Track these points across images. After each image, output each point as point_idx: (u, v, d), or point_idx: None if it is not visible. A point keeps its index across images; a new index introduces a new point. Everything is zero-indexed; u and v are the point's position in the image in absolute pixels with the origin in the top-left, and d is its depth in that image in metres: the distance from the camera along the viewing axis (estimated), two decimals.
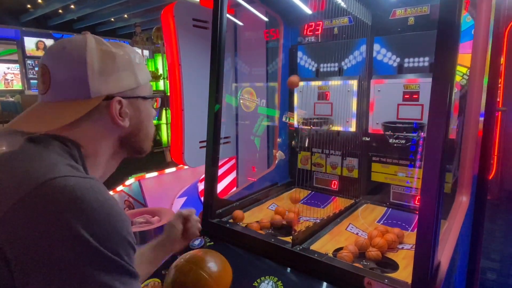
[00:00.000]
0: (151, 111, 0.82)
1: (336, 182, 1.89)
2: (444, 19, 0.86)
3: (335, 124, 1.80)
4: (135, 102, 0.76)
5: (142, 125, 0.79)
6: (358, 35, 1.69)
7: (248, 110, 2.40)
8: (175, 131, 2.23)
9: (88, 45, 0.69)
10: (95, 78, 0.68)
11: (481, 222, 1.36)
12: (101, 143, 0.74)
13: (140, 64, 0.77)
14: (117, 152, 0.78)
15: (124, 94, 0.73)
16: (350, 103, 1.74)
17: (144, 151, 0.84)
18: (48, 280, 0.52)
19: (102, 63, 0.70)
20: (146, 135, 0.82)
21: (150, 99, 0.81)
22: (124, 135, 0.77)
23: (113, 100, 0.71)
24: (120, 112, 0.73)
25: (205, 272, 1.05)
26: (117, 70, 0.72)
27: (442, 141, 0.86)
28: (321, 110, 1.84)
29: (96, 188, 0.59)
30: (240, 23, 2.36)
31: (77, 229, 0.53)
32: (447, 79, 0.86)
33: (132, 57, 0.75)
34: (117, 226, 0.58)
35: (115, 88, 0.71)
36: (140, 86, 0.77)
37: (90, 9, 9.82)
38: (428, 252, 0.89)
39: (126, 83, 0.73)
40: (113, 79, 0.71)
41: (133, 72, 0.75)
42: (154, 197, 2.79)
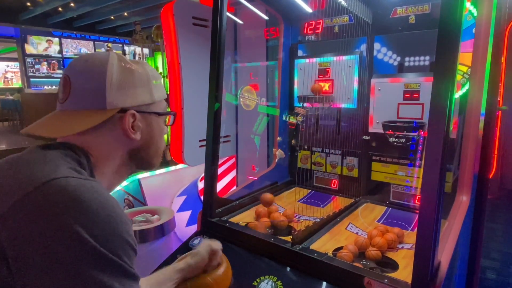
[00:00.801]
0: (162, 128, 0.85)
1: (336, 181, 1.89)
2: (445, 17, 0.86)
3: (336, 101, 1.78)
4: (148, 118, 0.79)
5: (153, 140, 0.82)
6: (359, 33, 1.69)
7: (248, 109, 2.39)
8: (175, 129, 2.22)
9: (110, 60, 0.73)
10: (112, 90, 0.72)
11: (481, 222, 1.36)
12: (111, 154, 0.76)
13: (157, 82, 0.81)
14: (125, 165, 0.80)
15: (139, 109, 0.76)
16: (351, 79, 1.71)
17: (153, 165, 0.86)
18: (48, 279, 0.52)
19: (121, 78, 0.73)
20: (155, 151, 0.84)
21: (163, 116, 0.84)
22: (135, 148, 0.79)
23: (127, 113, 0.74)
24: (133, 125, 0.76)
25: (204, 271, 1.05)
26: (134, 85, 0.75)
27: (442, 140, 0.86)
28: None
29: (97, 189, 0.60)
30: (240, 21, 2.35)
31: (77, 229, 0.53)
32: (448, 78, 0.85)
33: (150, 75, 0.79)
34: (118, 227, 0.58)
35: (130, 102, 0.75)
36: (155, 103, 0.80)
37: (90, 7, 9.81)
38: (428, 252, 0.88)
39: (141, 98, 0.77)
40: (129, 94, 0.74)
41: (149, 89, 0.78)
42: (154, 195, 2.79)
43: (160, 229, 2.06)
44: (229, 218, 1.51)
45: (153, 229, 2.04)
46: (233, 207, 1.59)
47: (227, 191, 2.08)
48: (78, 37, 12.68)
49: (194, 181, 2.98)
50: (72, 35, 12.53)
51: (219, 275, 1.05)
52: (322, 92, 1.81)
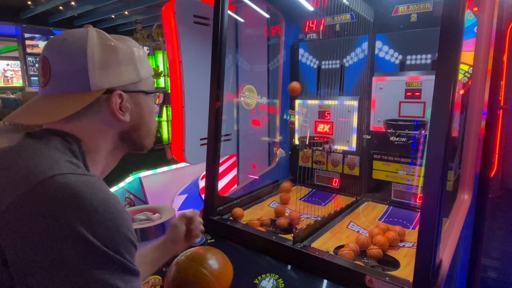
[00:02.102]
0: (153, 107, 0.81)
1: (337, 180, 1.89)
2: (448, 16, 0.85)
3: (336, 143, 1.80)
4: (136, 97, 0.75)
5: (143, 120, 0.78)
6: (360, 32, 1.68)
7: (248, 108, 2.39)
8: (176, 128, 2.22)
9: (89, 38, 0.68)
10: (95, 71, 0.67)
11: (483, 220, 1.36)
12: (101, 138, 0.72)
13: (142, 58, 0.76)
14: (117, 148, 0.77)
15: (125, 88, 0.72)
16: (351, 122, 1.74)
17: (146, 147, 0.82)
18: (48, 279, 0.51)
19: (103, 56, 0.68)
20: (147, 131, 0.80)
21: (152, 95, 0.80)
22: (125, 130, 0.75)
23: (113, 93, 0.70)
24: (120, 106, 0.72)
25: (206, 269, 1.05)
26: (119, 63, 0.71)
27: (444, 139, 0.86)
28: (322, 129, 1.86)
29: (97, 186, 0.59)
30: (241, 19, 2.35)
31: (77, 227, 0.52)
32: (450, 76, 0.85)
33: (134, 51, 0.74)
34: (118, 224, 0.57)
35: (116, 81, 0.70)
36: (141, 80, 0.76)
37: (91, 6, 9.80)
38: (429, 250, 0.88)
39: (127, 77, 0.72)
40: (114, 73, 0.70)
41: (134, 66, 0.74)
42: (155, 194, 2.79)
43: (161, 228, 2.06)
44: (231, 216, 1.51)
45: (154, 228, 2.04)
46: (234, 206, 1.59)
47: (228, 190, 2.08)
48: None
49: (195, 179, 2.98)
50: None
51: (220, 271, 1.05)
52: (323, 133, 1.83)
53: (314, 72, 1.91)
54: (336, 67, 1.82)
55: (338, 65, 1.82)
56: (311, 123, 1.89)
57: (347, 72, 1.79)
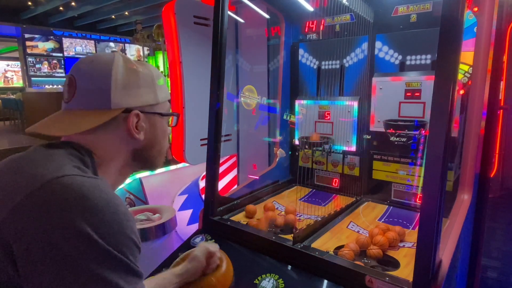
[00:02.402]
0: (166, 128, 0.86)
1: (337, 180, 1.89)
2: (447, 16, 0.86)
3: (336, 143, 1.81)
4: (152, 118, 0.80)
5: (156, 140, 0.83)
6: (360, 32, 1.68)
7: (249, 108, 2.39)
8: (176, 128, 2.23)
9: (115, 61, 0.74)
10: (117, 91, 0.73)
11: (483, 220, 1.36)
12: (114, 154, 0.76)
13: (162, 83, 0.82)
14: (129, 165, 0.81)
15: (143, 109, 0.77)
16: (351, 122, 1.74)
17: (156, 165, 0.87)
18: (54, 277, 0.53)
19: (126, 78, 0.74)
20: (159, 151, 0.85)
21: (166, 117, 0.85)
22: (138, 148, 0.80)
23: (131, 113, 0.75)
24: (136, 125, 0.76)
25: (204, 274, 1.05)
26: (139, 86, 0.76)
27: (444, 139, 0.86)
28: (322, 129, 1.86)
29: (103, 187, 0.61)
30: (241, 20, 2.35)
31: (83, 226, 0.54)
32: (449, 76, 0.85)
33: (154, 76, 0.80)
34: (123, 225, 0.59)
35: (135, 102, 0.76)
36: (158, 104, 0.81)
37: (91, 6, 9.81)
38: (429, 251, 0.88)
39: (145, 99, 0.78)
40: (133, 94, 0.75)
41: (153, 90, 0.79)
42: (155, 194, 2.79)
43: (162, 228, 2.06)
44: (231, 217, 1.51)
45: (154, 228, 2.04)
46: (234, 206, 1.60)
47: (228, 190, 2.08)
48: (79, 36, 12.68)
49: (195, 180, 2.98)
50: (73, 34, 12.54)
51: (221, 273, 1.05)
52: (323, 133, 1.85)
53: (314, 72, 1.91)
54: (336, 67, 1.83)
55: (338, 65, 1.82)
56: (310, 123, 1.88)
57: (347, 72, 1.79)
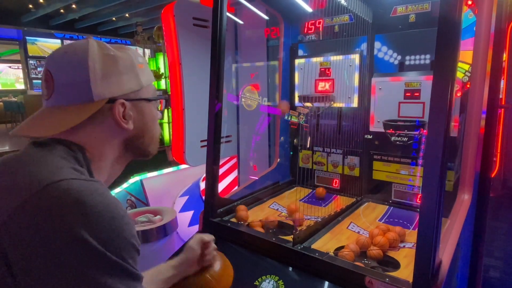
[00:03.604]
0: (155, 113, 0.82)
1: (337, 181, 1.89)
2: (444, 16, 0.85)
3: (337, 100, 1.78)
4: (138, 105, 0.76)
5: (147, 127, 0.79)
6: (359, 33, 1.68)
7: (249, 109, 2.39)
8: (176, 130, 2.23)
9: (90, 49, 0.69)
10: (97, 81, 0.69)
11: (484, 220, 1.36)
12: (106, 146, 0.74)
13: (143, 66, 0.78)
14: (122, 156, 0.78)
15: (127, 97, 0.74)
16: (352, 78, 1.71)
17: (150, 153, 0.84)
18: (52, 283, 0.52)
19: (104, 67, 0.70)
20: (151, 138, 0.82)
21: (154, 101, 0.81)
22: (129, 138, 0.77)
23: (116, 103, 0.71)
24: (123, 114, 0.73)
25: (206, 271, 1.05)
26: (119, 73, 0.72)
27: (443, 139, 0.86)
28: (323, 86, 1.82)
29: (100, 191, 0.59)
30: (240, 21, 2.35)
31: (80, 232, 0.53)
32: (448, 76, 0.85)
33: (134, 59, 0.75)
34: (121, 229, 0.58)
35: (117, 91, 0.72)
36: (142, 88, 0.77)
37: (92, 9, 9.84)
38: (429, 251, 0.88)
39: (128, 86, 0.74)
40: (115, 82, 0.71)
41: (135, 75, 0.75)
42: (156, 196, 2.80)
43: (163, 230, 2.07)
44: (231, 218, 1.51)
45: (155, 229, 2.05)
46: (234, 207, 1.60)
47: (229, 191, 2.08)
48: (80, 38, 12.74)
49: (196, 181, 2.98)
50: (74, 37, 12.58)
51: (220, 273, 1.05)
52: (323, 92, 1.81)
53: None
54: None
55: None
56: (311, 82, 1.85)
57: None
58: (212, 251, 1.08)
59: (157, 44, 7.58)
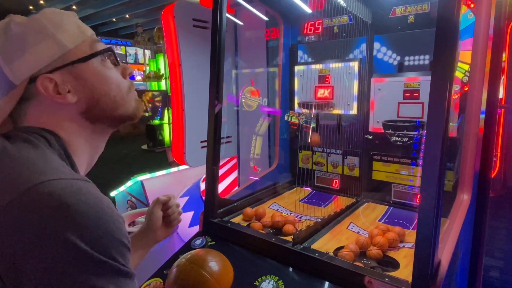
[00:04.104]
0: (101, 71, 0.70)
1: (337, 181, 1.89)
2: (443, 16, 0.86)
3: (336, 107, 1.78)
4: (73, 70, 0.66)
5: (97, 92, 0.69)
6: (358, 33, 1.69)
7: (250, 109, 2.40)
8: (176, 130, 2.24)
9: None
10: (6, 65, 0.62)
11: (483, 220, 1.36)
12: (66, 126, 0.67)
13: (62, 26, 0.67)
14: (94, 130, 0.71)
15: (52, 67, 0.65)
16: (351, 85, 1.72)
17: (127, 117, 0.74)
18: (38, 286, 0.50)
19: (8, 46, 0.63)
20: (112, 101, 0.70)
21: (96, 58, 0.69)
22: (83, 110, 0.68)
23: (37, 80, 0.64)
24: (57, 89, 0.65)
25: (206, 271, 1.06)
26: (30, 45, 0.63)
27: (441, 139, 0.86)
28: (322, 93, 1.83)
29: (84, 191, 0.56)
30: (240, 22, 2.36)
31: (66, 235, 0.51)
32: (446, 76, 0.86)
33: (47, 23, 0.65)
34: (109, 228, 0.55)
35: (36, 65, 0.63)
36: (70, 51, 0.66)
37: (92, 10, 9.87)
38: (428, 251, 0.88)
39: (47, 54, 0.64)
40: (29, 58, 0.63)
41: (53, 39, 0.65)
42: (157, 196, 2.80)
43: None
44: (231, 219, 1.52)
45: None
46: (234, 208, 1.60)
47: (229, 192, 2.09)
48: None
49: (196, 182, 2.99)
50: None
51: (220, 273, 1.06)
52: (323, 98, 1.83)
53: None
54: None
55: None
56: (311, 88, 1.86)
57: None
58: (175, 208, 1.06)
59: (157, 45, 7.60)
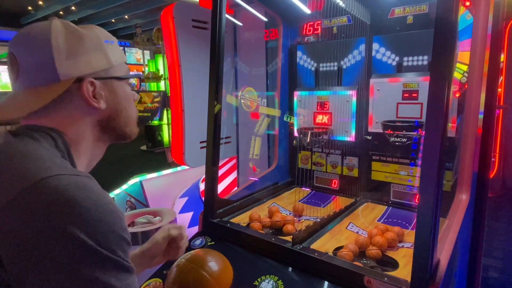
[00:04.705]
0: (129, 93, 0.80)
1: (336, 181, 1.90)
2: (441, 17, 0.86)
3: (334, 133, 1.81)
4: (109, 84, 0.75)
5: (121, 107, 0.78)
6: (357, 34, 1.69)
7: (249, 110, 2.40)
8: (176, 131, 2.24)
9: (53, 28, 0.68)
10: (62, 60, 0.67)
11: (482, 220, 1.36)
12: (81, 128, 0.72)
13: (112, 45, 0.76)
14: (100, 138, 0.77)
15: (97, 75, 0.72)
16: (349, 112, 1.75)
17: (128, 135, 0.82)
18: (44, 280, 0.52)
19: (69, 45, 0.68)
20: (127, 118, 0.80)
21: (126, 80, 0.79)
22: (103, 118, 0.75)
23: (84, 81, 0.70)
24: (94, 93, 0.72)
25: (206, 271, 1.06)
26: (86, 51, 0.70)
27: (440, 139, 0.86)
28: (321, 119, 1.87)
29: (88, 187, 0.59)
30: (239, 23, 2.36)
31: (71, 229, 0.53)
32: (444, 77, 0.86)
33: (101, 37, 0.74)
34: (111, 223, 0.58)
35: (85, 69, 0.70)
36: (113, 67, 0.76)
37: (91, 11, 9.87)
38: (427, 250, 0.89)
39: (97, 64, 0.72)
40: (82, 61, 0.70)
41: (104, 53, 0.73)
42: (156, 197, 2.80)
43: None
44: (230, 219, 1.52)
45: (155, 231, 2.04)
46: (234, 208, 1.60)
47: (228, 192, 2.09)
48: None
49: (196, 182, 2.99)
50: None
51: (220, 273, 1.06)
52: (321, 124, 1.86)
53: (312, 74, 1.92)
54: (334, 69, 1.83)
55: (336, 67, 1.83)
56: (309, 114, 1.88)
57: (345, 74, 1.80)
58: (181, 246, 1.06)
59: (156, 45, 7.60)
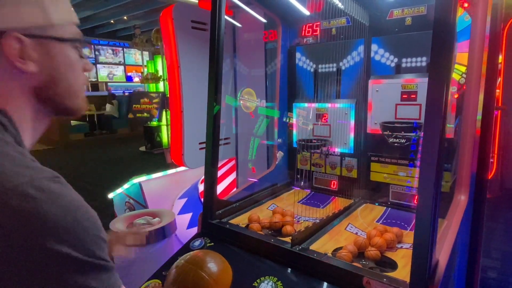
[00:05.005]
0: (73, 59, 0.68)
1: (335, 182, 1.90)
2: (440, 18, 0.87)
3: (333, 145, 1.83)
4: (45, 45, 0.64)
5: (59, 74, 0.66)
6: (356, 35, 1.70)
7: (248, 111, 2.40)
8: (175, 132, 2.24)
9: None
10: None
11: (481, 221, 1.37)
12: (13, 100, 0.63)
13: (57, 1, 0.66)
14: (39, 110, 0.67)
15: (27, 31, 0.61)
16: (347, 125, 1.76)
17: (70, 109, 0.70)
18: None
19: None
20: (67, 89, 0.68)
21: (71, 44, 0.67)
22: (37, 85, 0.65)
23: (7, 35, 0.59)
24: (21, 53, 0.61)
25: (205, 272, 1.06)
26: (15, 2, 0.60)
27: (438, 140, 0.87)
28: (320, 131, 1.89)
29: (57, 191, 0.55)
30: (238, 24, 2.37)
31: (43, 241, 0.50)
32: (443, 78, 0.86)
33: None
34: (86, 227, 0.55)
35: (10, 21, 0.59)
36: (54, 26, 0.64)
37: (90, 11, 9.86)
38: (425, 251, 0.89)
39: (28, 18, 0.61)
40: (8, 12, 0.59)
41: (41, 7, 0.62)
42: (155, 198, 2.80)
43: (161, 232, 2.07)
44: (229, 220, 1.52)
45: (154, 232, 2.04)
46: (233, 209, 1.60)
47: (227, 193, 2.09)
48: None
49: (194, 183, 2.99)
50: None
51: (219, 274, 1.06)
52: (320, 136, 1.88)
53: (311, 75, 1.92)
54: (333, 70, 1.84)
55: (334, 68, 1.83)
56: (309, 126, 1.90)
57: (344, 75, 1.80)
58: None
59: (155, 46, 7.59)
